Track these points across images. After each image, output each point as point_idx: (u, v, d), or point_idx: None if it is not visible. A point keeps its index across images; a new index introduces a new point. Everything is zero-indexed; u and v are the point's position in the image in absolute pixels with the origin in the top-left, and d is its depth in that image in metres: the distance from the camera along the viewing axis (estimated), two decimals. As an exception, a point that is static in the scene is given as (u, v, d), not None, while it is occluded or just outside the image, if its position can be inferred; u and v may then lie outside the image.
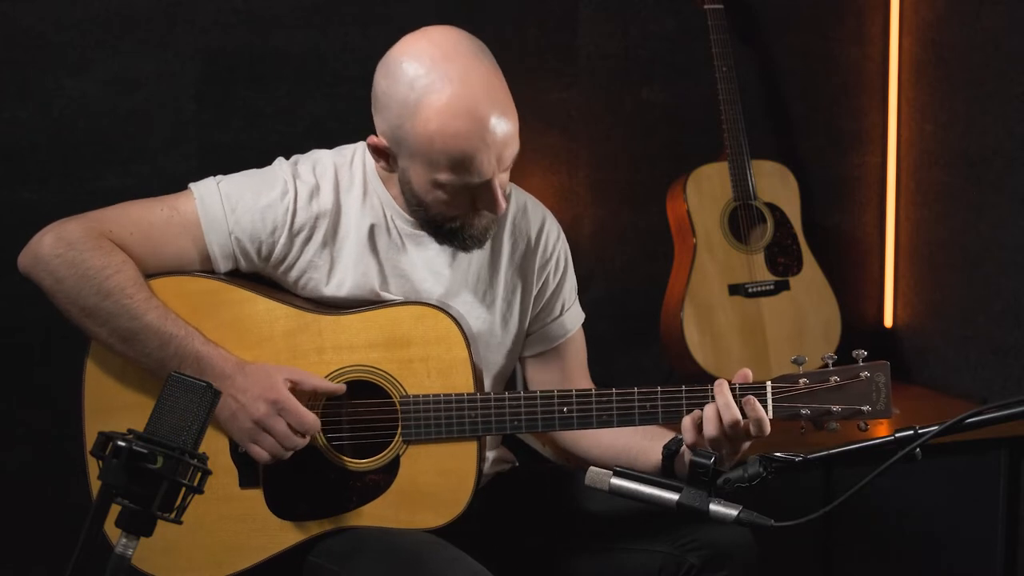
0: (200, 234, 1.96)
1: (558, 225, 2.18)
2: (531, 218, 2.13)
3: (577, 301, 2.22)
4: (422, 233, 2.03)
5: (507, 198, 1.96)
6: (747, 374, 1.95)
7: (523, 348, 2.18)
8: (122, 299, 1.89)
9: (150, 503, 1.40)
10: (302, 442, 1.92)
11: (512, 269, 2.11)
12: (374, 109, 1.93)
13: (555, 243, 2.15)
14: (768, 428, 1.89)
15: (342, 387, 1.95)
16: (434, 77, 1.84)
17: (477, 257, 2.07)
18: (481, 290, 2.08)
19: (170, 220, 1.96)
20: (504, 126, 1.86)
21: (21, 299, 1.96)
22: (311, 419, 1.91)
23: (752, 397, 1.88)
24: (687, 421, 1.92)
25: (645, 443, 2.06)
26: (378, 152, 1.95)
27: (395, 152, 1.92)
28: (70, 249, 1.90)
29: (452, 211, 1.94)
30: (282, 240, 1.98)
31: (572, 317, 2.20)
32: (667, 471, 2.00)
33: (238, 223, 1.96)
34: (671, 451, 2.00)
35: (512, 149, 1.90)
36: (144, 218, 1.96)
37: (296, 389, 1.92)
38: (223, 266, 1.99)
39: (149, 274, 1.95)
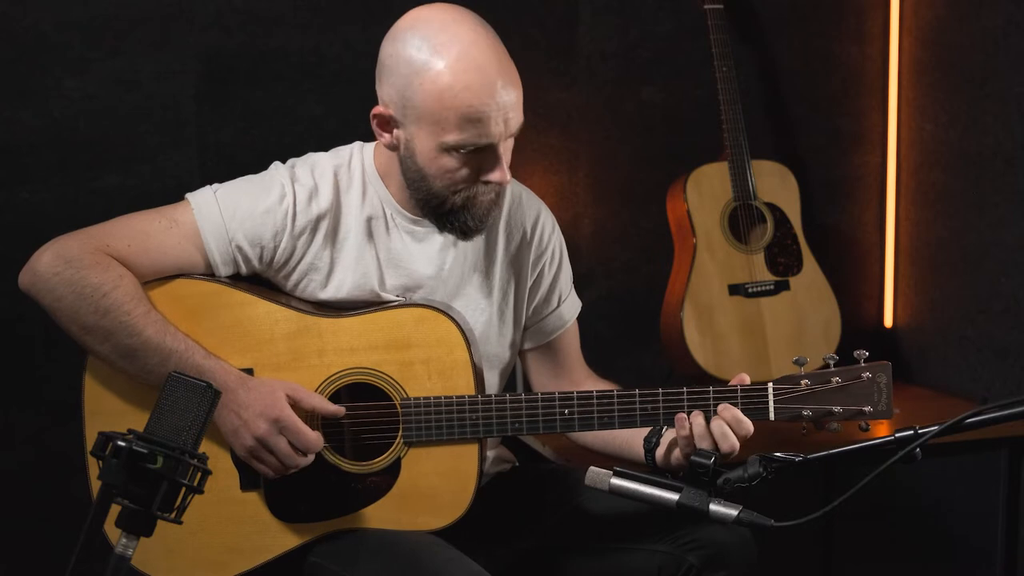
0: (200, 243, 1.96)
1: (553, 217, 2.18)
2: (526, 210, 2.13)
3: (573, 291, 2.23)
4: (421, 228, 2.03)
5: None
6: (744, 378, 1.96)
7: (521, 341, 2.18)
8: (120, 316, 1.89)
9: (150, 503, 1.40)
10: (304, 461, 1.92)
11: (508, 261, 2.11)
12: (379, 79, 1.94)
13: (550, 235, 2.16)
14: (750, 427, 1.90)
15: (341, 410, 1.94)
16: (444, 38, 1.85)
17: (474, 249, 2.07)
18: (478, 282, 2.08)
19: (168, 231, 1.96)
20: (512, 88, 1.89)
21: (21, 298, 1.96)
22: (314, 438, 1.91)
23: (726, 403, 1.91)
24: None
25: (631, 433, 2.07)
26: (382, 123, 1.94)
27: (400, 120, 1.91)
28: (68, 267, 1.89)
29: (456, 183, 1.93)
30: (284, 243, 1.98)
31: (569, 308, 2.20)
32: (649, 463, 2.01)
33: (238, 230, 1.96)
34: (652, 444, 2.01)
35: (518, 115, 1.91)
36: (142, 230, 1.95)
37: (295, 406, 1.92)
38: (224, 272, 1.99)
39: (148, 281, 1.96)
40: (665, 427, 2.01)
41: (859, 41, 3.24)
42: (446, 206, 1.96)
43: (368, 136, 2.04)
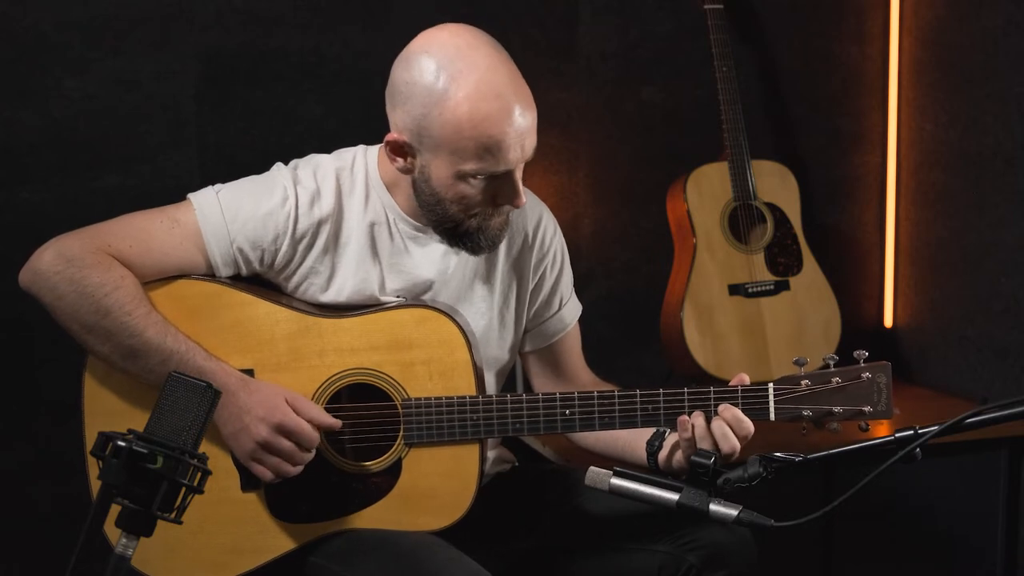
0: (202, 244, 1.96)
1: (555, 220, 2.18)
2: (528, 213, 2.13)
3: (574, 294, 2.23)
4: (424, 234, 2.02)
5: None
6: (743, 378, 1.96)
7: (523, 344, 2.18)
8: (121, 316, 1.89)
9: (150, 503, 1.40)
10: (308, 457, 1.92)
11: (509, 264, 2.11)
12: (391, 105, 1.92)
13: (552, 238, 2.16)
14: (750, 427, 1.90)
15: (338, 423, 1.94)
16: (461, 66, 1.84)
17: (476, 253, 2.07)
18: (480, 286, 2.08)
19: (170, 232, 1.95)
20: (529, 114, 1.88)
21: (20, 298, 1.96)
22: (314, 434, 1.91)
23: (726, 404, 1.91)
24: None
25: (633, 436, 2.07)
26: (396, 150, 1.94)
27: (416, 147, 1.91)
28: (69, 266, 1.89)
29: (472, 208, 1.93)
30: (284, 247, 1.98)
31: (570, 311, 2.20)
32: (652, 467, 2.01)
33: (239, 232, 1.96)
34: (655, 448, 2.01)
35: (533, 140, 1.91)
36: (144, 230, 1.95)
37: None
38: (224, 273, 1.99)
39: (149, 281, 1.96)
40: (668, 430, 2.01)
41: (859, 41, 3.24)
42: (461, 228, 1.96)
43: (369, 138, 2.04)
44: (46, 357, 2.73)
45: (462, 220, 1.95)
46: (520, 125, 1.86)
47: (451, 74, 1.84)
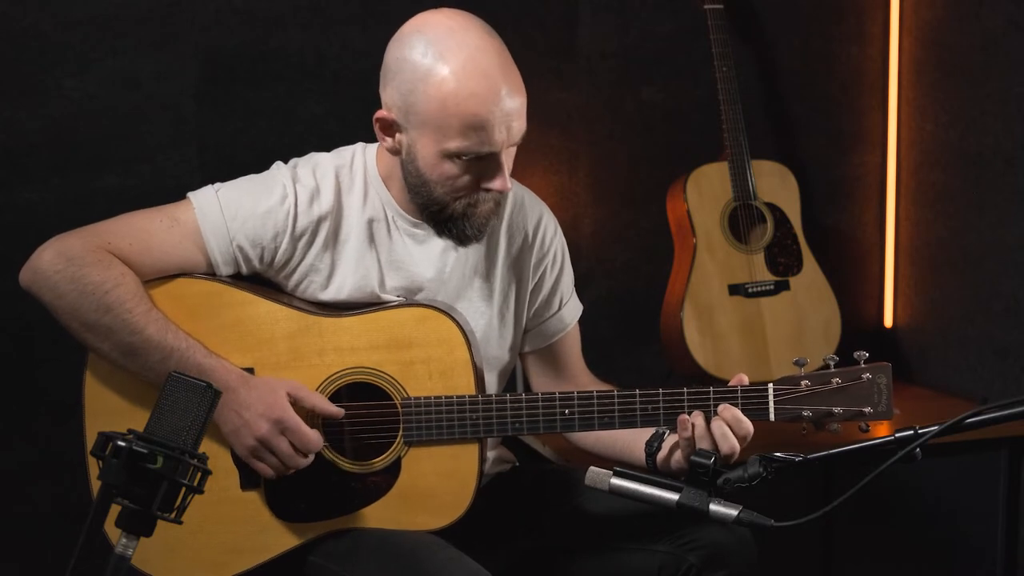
0: (201, 243, 1.96)
1: (555, 220, 2.18)
2: (528, 213, 2.13)
3: (575, 294, 2.23)
4: (422, 231, 2.03)
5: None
6: (742, 379, 1.96)
7: (522, 344, 2.18)
8: (122, 314, 1.89)
9: (150, 503, 1.40)
10: (304, 462, 1.92)
11: (509, 264, 2.11)
12: (383, 82, 1.93)
13: (552, 238, 2.15)
14: (750, 427, 1.90)
15: (340, 411, 1.94)
16: (450, 43, 1.85)
17: (475, 253, 2.07)
18: (479, 285, 2.08)
19: (170, 230, 1.96)
20: (516, 95, 1.88)
21: (20, 298, 1.96)
22: (315, 438, 1.91)
23: (726, 404, 1.91)
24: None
25: (632, 437, 2.07)
26: (384, 127, 1.94)
27: (403, 124, 1.91)
28: (70, 264, 1.89)
29: (457, 191, 1.93)
30: (284, 245, 1.98)
31: (570, 311, 2.20)
32: (651, 468, 2.01)
33: (239, 230, 1.96)
34: (654, 448, 2.01)
35: (521, 124, 1.90)
36: (144, 229, 1.95)
37: (295, 405, 1.92)
38: (224, 271, 1.99)
39: (150, 280, 1.96)
40: (667, 431, 2.01)
41: (859, 41, 3.24)
42: (446, 212, 1.95)
43: (369, 137, 2.04)
44: (46, 357, 2.73)
45: (447, 203, 1.94)
46: (507, 106, 1.86)
47: (439, 51, 1.85)
